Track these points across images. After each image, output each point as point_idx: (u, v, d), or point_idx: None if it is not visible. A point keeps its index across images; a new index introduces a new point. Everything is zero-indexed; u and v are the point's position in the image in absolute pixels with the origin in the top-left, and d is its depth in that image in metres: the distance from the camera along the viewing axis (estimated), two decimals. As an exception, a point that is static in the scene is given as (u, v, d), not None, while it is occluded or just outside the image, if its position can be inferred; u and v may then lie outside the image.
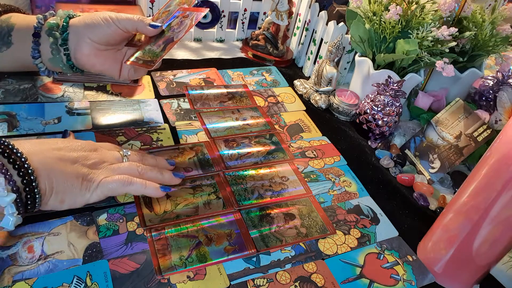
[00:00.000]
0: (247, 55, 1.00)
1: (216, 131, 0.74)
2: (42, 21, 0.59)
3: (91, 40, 0.60)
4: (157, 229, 0.55)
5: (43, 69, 0.62)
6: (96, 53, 0.61)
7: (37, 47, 0.60)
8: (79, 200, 0.49)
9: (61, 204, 0.48)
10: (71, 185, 0.48)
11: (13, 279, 0.46)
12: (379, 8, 0.79)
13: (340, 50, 0.85)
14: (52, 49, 0.60)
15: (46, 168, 0.46)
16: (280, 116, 0.82)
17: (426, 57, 0.78)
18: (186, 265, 0.52)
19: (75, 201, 0.49)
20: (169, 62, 0.90)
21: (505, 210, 0.49)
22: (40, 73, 0.62)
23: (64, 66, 0.62)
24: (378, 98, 0.79)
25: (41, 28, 0.59)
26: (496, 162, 0.49)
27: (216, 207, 0.60)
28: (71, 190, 0.48)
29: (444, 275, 0.57)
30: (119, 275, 0.49)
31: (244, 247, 0.55)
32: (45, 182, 0.46)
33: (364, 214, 0.65)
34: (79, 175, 0.49)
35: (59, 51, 0.60)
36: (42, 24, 0.59)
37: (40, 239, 0.51)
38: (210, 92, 0.83)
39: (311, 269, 0.55)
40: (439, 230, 0.58)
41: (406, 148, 0.79)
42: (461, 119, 0.74)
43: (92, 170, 0.51)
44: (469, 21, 0.85)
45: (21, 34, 0.59)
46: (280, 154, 0.72)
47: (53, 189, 0.47)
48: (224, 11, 0.98)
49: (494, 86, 0.89)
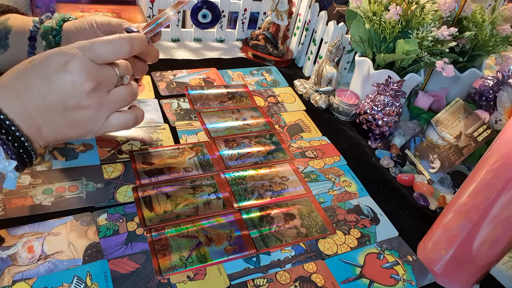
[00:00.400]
0: (247, 55, 1.00)
1: (216, 131, 0.74)
2: (38, 24, 0.59)
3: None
4: (157, 229, 0.55)
5: None
6: None
7: (33, 51, 0.59)
8: (83, 137, 0.48)
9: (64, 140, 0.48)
10: (68, 137, 0.47)
11: (13, 279, 0.46)
12: (379, 8, 0.79)
13: (340, 50, 0.85)
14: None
15: (37, 130, 0.44)
16: (280, 116, 0.82)
17: (426, 57, 0.78)
18: (186, 265, 0.52)
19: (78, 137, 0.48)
20: (169, 62, 0.90)
21: (505, 210, 0.49)
22: None
23: None
24: (378, 98, 0.79)
25: (37, 32, 0.59)
26: (496, 162, 0.49)
27: (216, 207, 0.60)
28: (70, 137, 0.47)
29: (444, 275, 0.57)
30: (119, 275, 0.49)
31: (244, 247, 0.55)
32: (38, 142, 0.45)
33: (364, 214, 0.65)
34: (74, 126, 0.46)
35: None
36: (38, 28, 0.59)
37: (40, 239, 0.51)
38: (210, 92, 0.83)
39: (311, 269, 0.55)
40: (439, 230, 0.58)
41: (406, 148, 0.79)
42: (461, 119, 0.74)
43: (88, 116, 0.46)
44: (469, 21, 0.85)
45: (18, 37, 0.59)
46: (280, 154, 0.72)
47: (51, 142, 0.46)
48: (224, 11, 0.98)
49: (494, 86, 0.89)
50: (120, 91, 0.48)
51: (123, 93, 0.48)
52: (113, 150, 0.65)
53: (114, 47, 0.45)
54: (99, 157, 0.63)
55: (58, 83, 0.42)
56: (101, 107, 0.46)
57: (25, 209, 0.53)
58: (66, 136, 0.47)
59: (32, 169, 0.58)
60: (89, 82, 0.43)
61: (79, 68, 0.43)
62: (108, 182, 0.60)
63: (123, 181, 0.61)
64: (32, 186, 0.56)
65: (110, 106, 0.47)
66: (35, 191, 0.56)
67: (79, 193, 0.57)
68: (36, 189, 0.56)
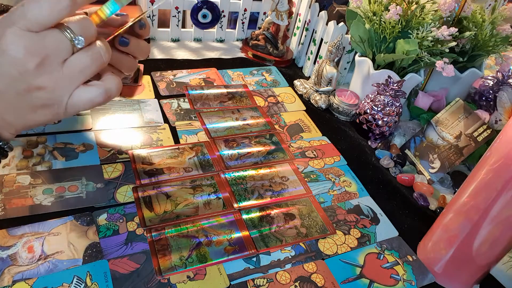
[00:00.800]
0: (247, 55, 1.00)
1: (216, 131, 0.74)
2: None
3: None
4: (157, 229, 0.55)
5: None
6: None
7: None
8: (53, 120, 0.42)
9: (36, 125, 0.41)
10: (38, 122, 0.41)
11: (13, 279, 0.46)
12: (379, 8, 0.79)
13: (340, 50, 0.85)
14: None
15: (0, 120, 0.39)
16: (280, 116, 0.82)
17: (426, 57, 0.78)
18: (186, 265, 0.52)
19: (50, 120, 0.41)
20: (169, 62, 0.90)
21: (505, 210, 0.49)
22: None
23: None
24: (378, 98, 0.79)
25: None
26: (496, 162, 0.49)
27: (216, 207, 0.60)
28: (41, 122, 0.41)
29: (444, 275, 0.57)
30: (119, 275, 0.49)
31: (244, 247, 0.55)
32: (7, 131, 0.41)
33: (364, 214, 0.65)
34: (36, 110, 0.40)
35: None
36: None
37: (40, 239, 0.51)
38: (210, 92, 0.83)
39: (311, 269, 0.55)
40: (439, 230, 0.58)
41: (406, 148, 0.79)
42: (461, 119, 0.74)
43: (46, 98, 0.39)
44: (469, 21, 0.85)
45: None
46: (280, 154, 0.72)
47: (22, 129, 0.41)
48: (224, 11, 0.98)
49: (494, 86, 0.89)
50: (78, 59, 0.38)
51: (83, 60, 0.39)
52: (113, 150, 0.65)
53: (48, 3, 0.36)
54: (99, 157, 0.63)
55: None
56: (57, 84, 0.38)
57: (25, 209, 0.53)
58: (34, 121, 0.41)
59: (32, 169, 0.58)
60: (31, 57, 0.36)
61: (14, 42, 0.35)
62: (108, 182, 0.60)
63: (123, 181, 0.61)
64: (32, 186, 0.56)
65: (68, 80, 0.38)
66: (35, 191, 0.56)
67: (79, 193, 0.57)
68: (36, 189, 0.56)
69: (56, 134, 0.65)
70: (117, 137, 0.67)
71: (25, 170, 0.58)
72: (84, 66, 0.39)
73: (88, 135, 0.66)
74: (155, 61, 0.89)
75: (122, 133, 0.68)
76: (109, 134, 0.67)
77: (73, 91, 0.39)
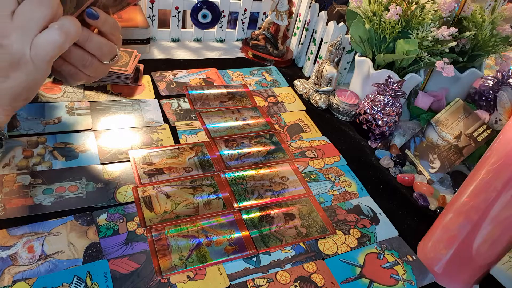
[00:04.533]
0: (247, 55, 1.00)
1: (216, 131, 0.74)
2: None
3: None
4: (157, 229, 0.55)
5: None
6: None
7: None
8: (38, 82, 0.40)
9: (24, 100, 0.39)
10: (17, 92, 0.39)
11: (13, 279, 0.46)
12: (379, 8, 0.79)
13: (340, 50, 0.85)
14: None
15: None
16: (280, 116, 0.82)
17: (426, 57, 0.78)
18: (186, 265, 0.52)
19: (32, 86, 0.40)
20: (169, 62, 0.90)
21: (505, 210, 0.49)
22: None
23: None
24: (378, 98, 0.79)
25: None
26: (496, 162, 0.49)
27: (216, 207, 0.60)
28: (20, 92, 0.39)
29: (444, 275, 0.57)
30: (119, 275, 0.49)
31: (244, 247, 0.55)
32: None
33: (364, 214, 0.65)
34: (5, 73, 0.38)
35: None
36: None
37: (40, 239, 0.51)
38: (210, 92, 0.83)
39: (311, 269, 0.55)
40: (439, 230, 0.58)
41: (406, 148, 0.79)
42: (461, 119, 0.74)
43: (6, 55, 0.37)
44: (469, 21, 0.85)
45: None
46: (280, 154, 0.72)
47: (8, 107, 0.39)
48: (224, 11, 0.98)
49: (494, 86, 0.89)
50: (24, 7, 0.36)
51: (29, 7, 0.36)
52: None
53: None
54: (99, 157, 0.63)
55: None
56: (12, 38, 0.36)
57: (25, 209, 0.53)
58: (12, 89, 0.39)
59: (32, 169, 0.58)
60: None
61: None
62: (108, 182, 0.60)
63: (123, 181, 0.61)
64: (32, 186, 0.56)
65: (22, 30, 0.37)
66: (35, 191, 0.56)
67: (79, 193, 0.57)
68: (36, 189, 0.56)
69: (56, 134, 0.65)
70: (117, 137, 0.67)
71: (25, 170, 0.58)
72: (32, 12, 0.36)
73: (88, 135, 0.66)
74: (155, 61, 0.89)
75: (122, 133, 0.68)
76: (109, 134, 0.67)
77: (32, 41, 0.37)
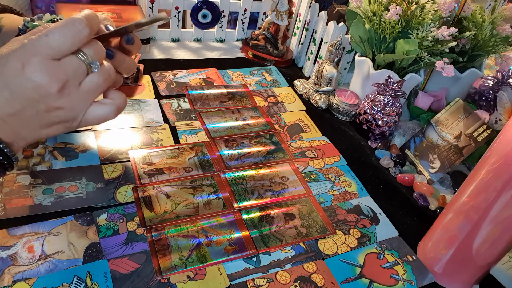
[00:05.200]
0: (247, 55, 1.00)
1: (216, 131, 0.74)
2: (27, 24, 0.58)
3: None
4: (157, 229, 0.55)
5: None
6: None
7: None
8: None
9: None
10: (50, 135, 0.44)
11: (13, 279, 0.46)
12: (379, 8, 0.79)
13: (340, 50, 0.85)
14: None
15: (15, 134, 0.41)
16: (280, 116, 0.82)
17: (426, 57, 0.78)
18: (186, 265, 0.52)
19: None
20: (169, 62, 0.90)
21: (505, 210, 0.49)
22: None
23: None
24: (378, 98, 0.79)
25: (26, 31, 0.58)
26: (496, 162, 0.49)
27: (216, 207, 0.60)
28: (52, 135, 0.44)
29: (444, 275, 0.57)
30: (119, 275, 0.49)
31: (244, 247, 0.55)
32: (18, 144, 0.42)
33: (364, 214, 0.65)
34: (52, 126, 0.43)
35: None
36: (27, 27, 0.58)
37: (40, 239, 0.51)
38: (210, 92, 0.83)
39: (311, 269, 0.55)
40: (439, 230, 0.58)
41: (406, 148, 0.79)
42: (461, 119, 0.74)
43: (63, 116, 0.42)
44: (469, 21, 0.85)
45: (8, 36, 0.58)
46: (280, 154, 0.72)
47: (32, 141, 0.44)
48: (224, 11, 0.98)
49: (494, 86, 0.89)
50: (91, 80, 0.42)
51: (97, 81, 0.42)
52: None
53: (71, 33, 0.39)
54: (99, 157, 0.63)
55: (20, 90, 0.38)
56: (74, 103, 0.41)
57: (25, 209, 0.53)
58: (47, 135, 0.44)
59: (32, 169, 0.58)
60: (54, 83, 0.39)
61: (39, 70, 0.38)
62: (108, 182, 0.60)
63: (123, 181, 0.61)
64: (32, 186, 0.56)
65: (84, 100, 0.42)
66: (35, 191, 0.56)
67: (79, 193, 0.57)
68: (36, 189, 0.56)
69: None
70: (117, 137, 0.67)
71: (25, 170, 0.58)
72: (98, 86, 0.42)
73: (88, 135, 0.66)
74: (155, 61, 0.89)
75: (122, 133, 0.68)
76: (109, 134, 0.67)
77: (88, 108, 0.43)
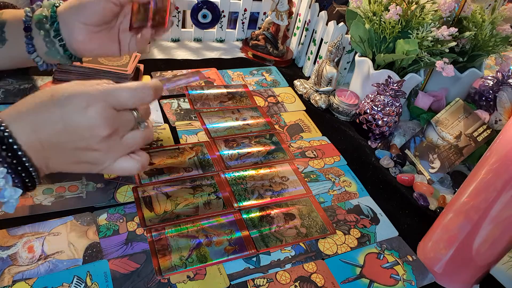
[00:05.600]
0: (247, 55, 1.00)
1: (216, 131, 0.74)
2: (30, 13, 0.57)
3: (83, 23, 0.56)
4: (157, 229, 0.55)
5: (40, 63, 0.59)
6: (91, 37, 0.58)
7: (31, 41, 0.57)
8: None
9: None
10: (71, 171, 0.46)
11: (13, 279, 0.46)
12: (379, 8, 0.79)
13: (340, 50, 0.85)
14: (46, 42, 0.57)
15: (45, 162, 0.44)
16: (280, 116, 0.82)
17: (426, 57, 0.78)
18: (186, 265, 0.52)
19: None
20: (169, 62, 0.90)
21: (505, 210, 0.49)
22: (39, 67, 0.60)
23: (61, 58, 0.59)
24: (378, 98, 0.79)
25: (31, 21, 0.57)
26: (496, 162, 0.49)
27: (216, 207, 0.60)
28: (73, 171, 0.46)
29: (444, 275, 0.57)
30: (119, 275, 0.49)
31: (244, 247, 0.55)
32: (43, 171, 0.44)
33: (364, 214, 0.65)
34: (80, 164, 0.45)
35: (53, 43, 0.57)
36: (30, 17, 0.57)
37: (40, 239, 0.51)
38: (210, 92, 0.83)
39: (311, 269, 0.55)
40: (439, 230, 0.58)
41: (406, 148, 0.79)
42: (461, 119, 0.74)
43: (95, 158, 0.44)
44: (469, 21, 0.85)
45: (13, 29, 0.57)
46: (280, 154, 0.72)
47: (53, 171, 0.45)
48: (224, 11, 0.98)
49: (494, 86, 0.89)
50: (134, 136, 0.45)
51: (137, 138, 0.45)
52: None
53: (138, 96, 0.43)
54: (99, 157, 0.63)
55: (74, 125, 0.41)
56: (110, 151, 0.44)
57: (25, 209, 0.53)
58: (69, 170, 0.46)
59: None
60: (107, 129, 0.42)
61: (99, 113, 0.41)
62: (108, 182, 0.60)
63: (123, 181, 0.61)
64: (32, 186, 0.56)
65: (120, 151, 0.45)
66: (35, 191, 0.56)
67: (79, 193, 0.57)
68: (36, 189, 0.56)
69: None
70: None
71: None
72: (136, 143, 0.45)
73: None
74: (155, 61, 0.89)
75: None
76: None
77: (118, 159, 0.45)
